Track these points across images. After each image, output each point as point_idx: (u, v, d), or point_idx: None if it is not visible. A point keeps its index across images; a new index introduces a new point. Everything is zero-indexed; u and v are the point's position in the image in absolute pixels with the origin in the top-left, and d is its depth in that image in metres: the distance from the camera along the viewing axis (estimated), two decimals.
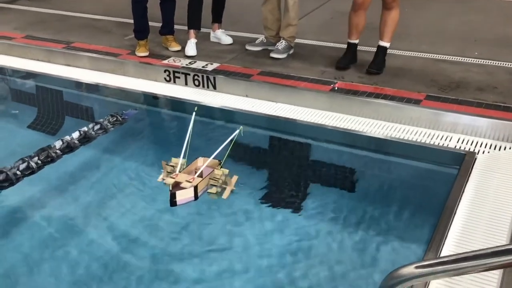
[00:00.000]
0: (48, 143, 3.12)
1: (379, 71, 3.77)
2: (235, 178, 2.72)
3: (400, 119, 3.31)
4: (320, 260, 2.29)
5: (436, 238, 2.20)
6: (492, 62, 3.94)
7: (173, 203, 2.52)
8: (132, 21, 4.35)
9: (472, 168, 2.77)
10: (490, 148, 3.00)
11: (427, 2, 5.70)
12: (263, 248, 2.39)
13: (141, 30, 4.35)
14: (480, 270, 1.16)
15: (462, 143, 3.06)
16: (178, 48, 4.41)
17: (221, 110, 3.69)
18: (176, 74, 4.06)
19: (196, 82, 3.99)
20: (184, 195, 2.53)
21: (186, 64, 4.12)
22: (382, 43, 3.76)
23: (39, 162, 2.96)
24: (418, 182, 2.95)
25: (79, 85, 4.27)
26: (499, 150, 2.98)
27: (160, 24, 4.49)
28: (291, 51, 4.26)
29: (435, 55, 4.12)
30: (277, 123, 3.49)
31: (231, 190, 2.69)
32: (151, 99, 3.99)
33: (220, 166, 2.75)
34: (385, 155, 3.22)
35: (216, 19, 4.63)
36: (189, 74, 4.00)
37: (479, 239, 2.21)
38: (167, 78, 4.11)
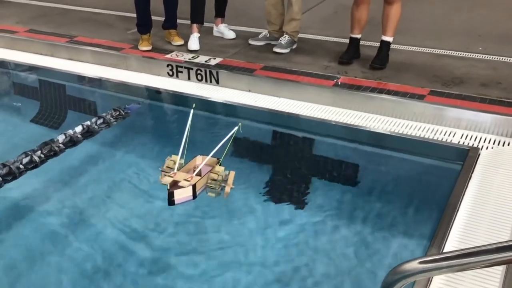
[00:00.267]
0: (51, 137, 3.12)
1: (382, 66, 3.76)
2: (232, 174, 2.64)
3: (403, 115, 3.30)
4: (322, 256, 2.29)
5: (439, 233, 2.20)
6: (496, 57, 3.91)
7: (171, 202, 2.45)
8: (135, 15, 4.35)
9: (475, 163, 2.76)
10: (493, 143, 2.99)
11: None
12: (265, 245, 2.38)
13: (144, 24, 4.34)
14: (484, 265, 1.16)
15: (466, 138, 3.05)
16: (181, 42, 4.40)
17: (221, 105, 3.68)
18: (179, 69, 4.06)
19: (199, 77, 3.98)
20: (182, 194, 2.47)
21: (189, 59, 4.11)
22: (385, 38, 3.74)
23: (42, 156, 2.96)
24: (421, 177, 2.94)
25: (82, 79, 4.27)
26: (503, 145, 2.97)
27: (163, 18, 4.48)
28: (294, 46, 4.24)
29: (439, 50, 4.10)
30: (279, 118, 3.49)
31: (230, 188, 2.61)
32: (154, 94, 3.99)
33: (219, 164, 2.69)
34: (388, 150, 3.21)
35: (219, 13, 4.62)
36: (192, 69, 3.99)
37: (482, 235, 2.21)
38: (170, 73, 4.11)
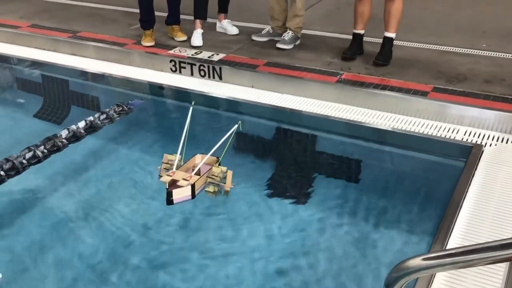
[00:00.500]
0: (54, 132, 3.13)
1: (386, 63, 3.74)
2: (230, 173, 2.60)
3: (407, 111, 3.29)
4: (326, 253, 2.28)
5: (442, 230, 2.20)
6: (501, 54, 3.90)
7: (169, 201, 2.44)
8: (138, 10, 4.34)
9: (479, 160, 2.75)
10: (497, 140, 2.98)
11: None
12: (268, 241, 2.38)
13: (147, 20, 4.34)
14: (488, 262, 1.15)
15: (469, 135, 3.05)
16: (184, 38, 4.40)
17: (224, 101, 3.68)
18: (182, 64, 4.05)
19: (202, 73, 3.98)
20: (181, 194, 2.45)
21: (192, 54, 4.11)
22: (387, 34, 3.73)
23: (45, 151, 2.96)
24: (424, 174, 2.93)
25: (85, 74, 4.27)
26: (506, 142, 2.96)
27: (166, 14, 4.47)
28: (298, 42, 4.23)
29: (443, 47, 4.09)
30: (282, 114, 3.48)
31: (230, 188, 2.58)
32: (157, 89, 3.98)
33: (219, 163, 2.66)
34: (391, 147, 3.21)
35: (222, 9, 4.61)
36: (195, 65, 3.99)
37: (485, 232, 2.20)
38: (173, 68, 4.10)
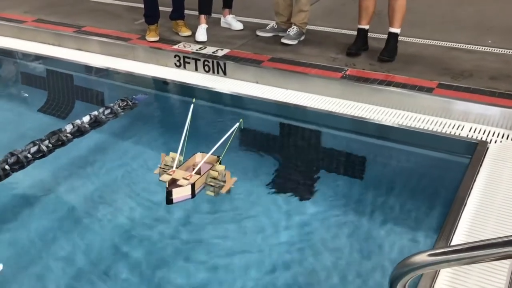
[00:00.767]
0: (58, 126, 3.14)
1: (391, 59, 3.73)
2: (234, 180, 2.63)
3: (411, 107, 3.28)
4: (330, 249, 2.28)
5: (446, 227, 2.19)
6: (506, 50, 3.88)
7: (169, 201, 2.45)
8: (142, 5, 4.33)
9: (484, 157, 2.74)
10: (502, 137, 2.97)
11: None
12: (273, 240, 2.36)
13: (151, 15, 4.33)
14: (493, 258, 1.15)
15: (474, 132, 3.04)
16: (189, 33, 4.39)
17: (226, 96, 3.67)
18: (186, 60, 4.05)
19: (206, 68, 3.97)
20: (181, 193, 2.46)
21: (196, 50, 4.11)
22: (392, 30, 3.72)
23: (50, 145, 2.97)
24: (429, 171, 2.92)
25: (89, 69, 4.27)
26: None
27: (170, 9, 4.47)
28: (302, 38, 4.22)
29: (448, 43, 4.07)
30: (286, 110, 3.48)
31: (230, 187, 2.59)
32: (161, 84, 3.99)
33: (219, 162, 2.66)
34: (396, 143, 3.20)
35: (227, 4, 4.60)
36: (199, 60, 3.99)
37: (490, 228, 2.20)
38: (177, 63, 4.10)
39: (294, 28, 4.15)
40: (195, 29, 4.32)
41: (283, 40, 4.14)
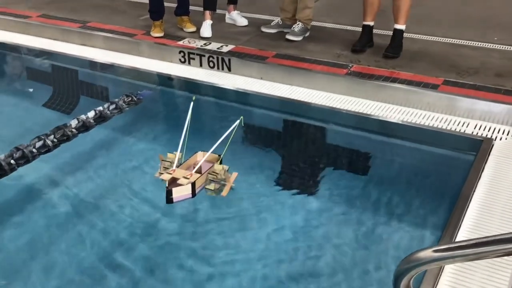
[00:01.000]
0: (64, 121, 3.14)
1: (396, 55, 3.72)
2: (235, 174, 2.58)
3: (417, 104, 3.27)
4: (335, 246, 2.28)
5: (451, 224, 2.19)
6: None
7: (169, 200, 2.43)
8: (147, 1, 4.34)
9: (489, 154, 2.74)
10: (507, 134, 2.96)
11: None
12: (272, 238, 2.35)
13: (156, 11, 4.33)
14: (499, 255, 1.15)
15: (480, 129, 3.03)
16: (193, 29, 4.39)
17: (231, 92, 3.67)
18: (191, 55, 4.05)
19: (211, 64, 3.97)
20: (181, 192, 2.44)
21: (201, 46, 4.10)
22: (397, 26, 3.71)
23: (55, 140, 2.98)
24: (434, 168, 2.91)
25: (94, 64, 4.28)
26: None
27: (175, 5, 4.47)
28: (307, 34, 4.21)
29: (454, 40, 4.06)
30: (291, 106, 3.48)
31: (231, 187, 2.56)
32: (166, 80, 3.99)
33: (220, 161, 2.63)
34: (401, 140, 3.19)
35: (232, 0, 4.59)
36: (204, 56, 3.99)
37: (494, 225, 2.19)
38: (182, 59, 4.10)
39: (299, 24, 4.14)
40: (200, 25, 4.32)
41: (288, 37, 4.13)
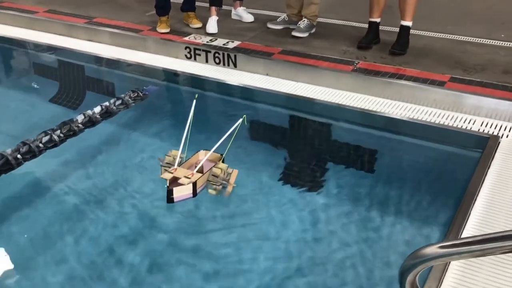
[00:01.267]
0: (70, 117, 3.15)
1: (402, 52, 3.71)
2: (235, 173, 2.54)
3: (423, 101, 3.26)
4: (341, 242, 2.28)
5: (457, 221, 2.19)
6: None
7: (170, 200, 2.42)
8: None
9: (495, 152, 2.73)
10: None
11: None
12: (275, 238, 2.34)
13: (162, 6, 4.34)
14: (505, 251, 1.14)
15: (486, 126, 3.02)
16: (199, 25, 4.39)
17: (236, 89, 3.67)
18: (197, 51, 4.05)
19: (217, 60, 3.97)
20: (182, 192, 2.42)
21: (207, 42, 4.11)
22: (404, 23, 3.70)
23: (61, 135, 2.99)
24: (440, 165, 2.90)
25: (100, 60, 4.29)
26: None
27: (181, 1, 4.47)
28: (313, 30, 4.21)
29: (461, 37, 4.04)
30: (297, 102, 3.47)
31: (232, 187, 2.54)
32: (172, 76, 3.99)
33: (222, 160, 2.61)
34: (407, 137, 3.19)
35: None
36: (210, 52, 3.99)
37: (500, 222, 2.19)
38: (188, 55, 4.11)
39: (305, 20, 4.14)
40: (205, 21, 4.32)
41: (294, 33, 4.13)
